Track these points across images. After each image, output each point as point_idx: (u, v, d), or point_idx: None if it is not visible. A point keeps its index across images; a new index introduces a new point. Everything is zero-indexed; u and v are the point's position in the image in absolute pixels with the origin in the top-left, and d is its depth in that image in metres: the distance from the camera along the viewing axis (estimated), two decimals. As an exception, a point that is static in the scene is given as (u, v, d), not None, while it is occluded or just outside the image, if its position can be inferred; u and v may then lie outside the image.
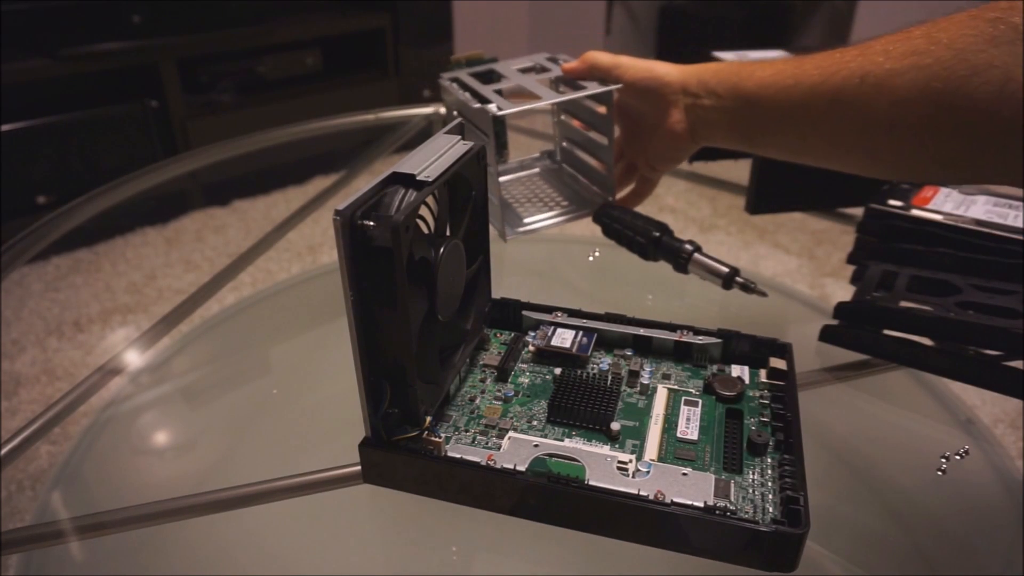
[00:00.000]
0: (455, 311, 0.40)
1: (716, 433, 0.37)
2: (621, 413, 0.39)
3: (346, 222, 0.31)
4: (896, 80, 0.40)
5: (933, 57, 0.38)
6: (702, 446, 0.36)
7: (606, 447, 0.36)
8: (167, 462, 0.68)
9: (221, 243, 1.55)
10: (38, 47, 1.51)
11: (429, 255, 0.36)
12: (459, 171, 0.37)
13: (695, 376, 0.42)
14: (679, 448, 0.36)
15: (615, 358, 0.43)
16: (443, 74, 0.66)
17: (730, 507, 0.33)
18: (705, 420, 0.38)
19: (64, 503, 0.64)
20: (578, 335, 0.44)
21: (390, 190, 0.34)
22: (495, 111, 0.54)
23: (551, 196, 0.68)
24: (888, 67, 0.40)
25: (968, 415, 0.66)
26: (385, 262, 0.32)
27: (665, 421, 0.38)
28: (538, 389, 0.41)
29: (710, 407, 0.39)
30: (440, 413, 0.39)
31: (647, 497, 0.33)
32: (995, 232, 0.53)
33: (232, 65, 1.79)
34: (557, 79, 0.62)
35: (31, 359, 1.17)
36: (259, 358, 0.79)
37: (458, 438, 0.38)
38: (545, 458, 0.35)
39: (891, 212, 0.56)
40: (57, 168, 1.53)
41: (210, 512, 0.42)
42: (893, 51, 0.41)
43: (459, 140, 0.39)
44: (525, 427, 0.38)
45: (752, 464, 0.35)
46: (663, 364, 0.43)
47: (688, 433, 0.37)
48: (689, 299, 0.67)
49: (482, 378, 0.42)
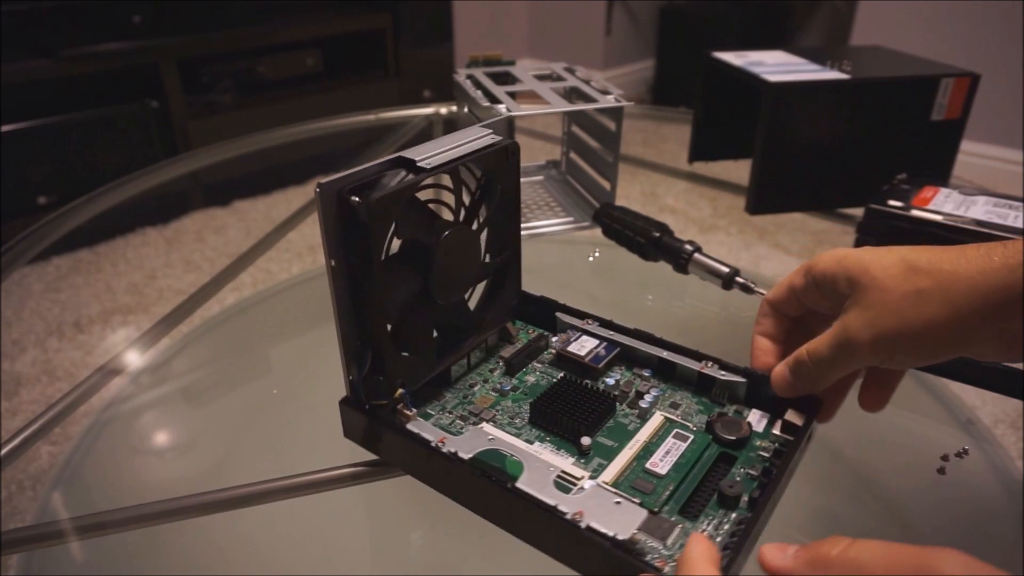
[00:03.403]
0: (461, 297, 0.41)
1: (695, 473, 0.35)
2: (607, 431, 0.38)
3: (329, 195, 0.33)
4: None
5: None
6: (666, 482, 0.34)
7: (569, 459, 0.36)
8: (167, 462, 0.68)
9: (221, 243, 1.55)
10: (38, 47, 1.51)
11: (427, 238, 0.37)
12: (474, 164, 0.38)
13: (706, 411, 0.39)
14: (640, 478, 0.35)
15: (632, 376, 0.42)
16: (459, 69, 0.66)
17: (646, 547, 0.31)
18: (687, 457, 0.36)
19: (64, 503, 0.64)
20: (598, 346, 0.43)
21: (391, 171, 0.35)
22: (504, 112, 0.55)
23: (549, 204, 0.69)
24: None
25: (968, 415, 0.66)
26: (364, 237, 0.33)
27: (643, 448, 0.36)
28: (539, 389, 0.41)
29: (701, 445, 0.37)
30: (436, 391, 0.40)
31: (563, 514, 0.32)
32: (995, 232, 0.53)
33: (232, 65, 1.79)
34: (571, 89, 0.63)
35: (31, 359, 1.17)
36: (259, 358, 0.79)
37: (438, 417, 0.39)
38: (492, 452, 0.36)
39: (891, 212, 0.56)
40: (57, 168, 1.53)
41: (210, 512, 0.42)
42: None
43: (489, 134, 0.40)
44: (504, 422, 0.39)
45: (714, 515, 0.33)
46: (679, 392, 0.41)
47: (658, 466, 0.35)
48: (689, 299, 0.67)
49: (492, 368, 0.43)
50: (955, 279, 0.32)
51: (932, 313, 0.32)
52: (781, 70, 0.67)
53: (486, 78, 0.63)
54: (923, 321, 0.32)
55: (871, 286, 0.34)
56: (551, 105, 0.57)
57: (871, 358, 0.34)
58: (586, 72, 0.65)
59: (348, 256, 0.34)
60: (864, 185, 0.62)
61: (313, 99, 1.89)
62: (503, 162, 0.40)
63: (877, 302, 0.34)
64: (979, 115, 0.76)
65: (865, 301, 0.34)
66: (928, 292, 0.33)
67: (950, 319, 0.32)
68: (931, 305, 0.32)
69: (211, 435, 0.70)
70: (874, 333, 0.33)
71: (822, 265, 0.37)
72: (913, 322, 0.33)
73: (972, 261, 0.32)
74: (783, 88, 0.64)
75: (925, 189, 0.59)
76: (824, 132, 0.67)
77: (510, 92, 0.59)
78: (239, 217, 1.67)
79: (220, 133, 1.70)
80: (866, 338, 0.34)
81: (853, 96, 0.66)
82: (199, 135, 1.70)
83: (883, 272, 0.34)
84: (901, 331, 0.33)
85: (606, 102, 0.58)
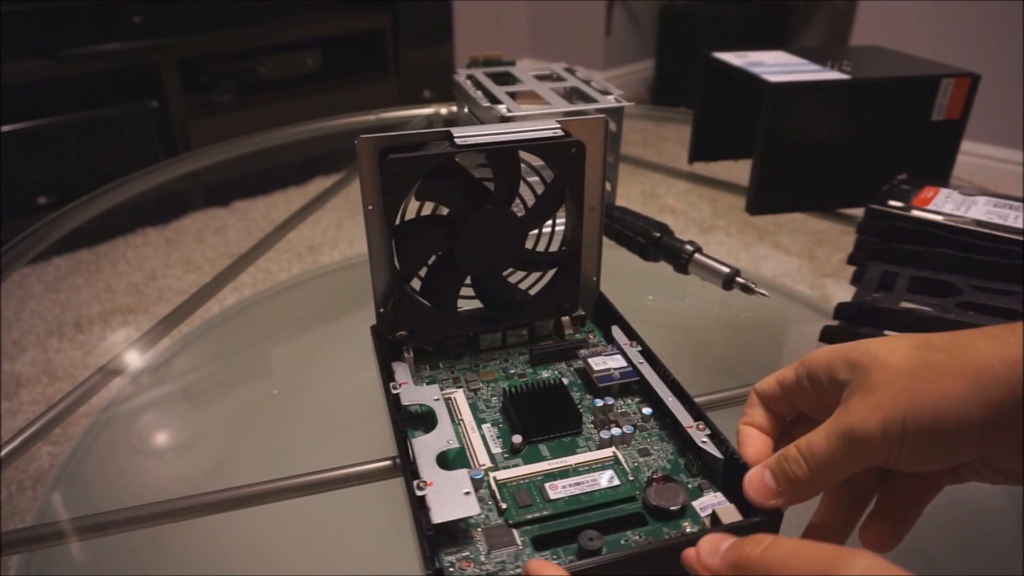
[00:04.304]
0: (495, 274, 0.43)
1: (584, 516, 0.32)
2: (556, 442, 0.37)
3: (366, 149, 0.38)
4: None
5: None
6: (546, 507, 0.32)
7: (496, 450, 0.37)
8: (167, 462, 0.68)
9: (221, 243, 1.55)
10: (38, 47, 1.51)
11: (456, 207, 0.40)
12: (534, 154, 0.40)
13: (672, 471, 0.35)
14: (525, 491, 0.33)
15: (633, 409, 0.39)
16: (459, 69, 0.66)
17: (459, 540, 0.31)
18: (593, 499, 0.33)
19: (64, 503, 0.64)
20: (621, 368, 0.40)
21: (436, 141, 0.39)
22: (503, 112, 0.55)
23: None
24: None
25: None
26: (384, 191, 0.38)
27: (564, 470, 0.35)
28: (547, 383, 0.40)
29: (621, 495, 0.33)
30: (461, 351, 0.44)
31: (415, 479, 0.32)
32: (995, 233, 0.53)
33: (232, 65, 1.79)
34: (571, 90, 0.63)
35: (32, 359, 1.17)
36: (259, 358, 0.79)
37: (441, 371, 0.42)
38: (425, 407, 0.37)
39: (891, 213, 0.56)
40: (57, 168, 1.53)
41: (210, 513, 0.42)
42: None
43: (556, 128, 0.40)
44: (482, 397, 0.40)
45: (560, 559, 0.31)
46: (663, 443, 0.37)
47: (555, 490, 0.33)
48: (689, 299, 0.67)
49: (523, 353, 0.44)
50: (974, 351, 0.28)
51: (949, 387, 0.27)
52: (781, 70, 0.67)
53: (486, 78, 0.63)
54: (938, 396, 0.27)
55: (874, 366, 0.29)
56: (551, 105, 0.57)
57: (879, 451, 0.28)
58: (586, 72, 0.65)
59: (380, 203, 0.39)
60: (864, 185, 0.62)
61: (313, 99, 1.89)
62: (562, 158, 0.40)
63: (883, 381, 0.28)
64: (979, 115, 0.76)
65: (869, 383, 0.29)
66: (943, 365, 0.28)
67: (971, 393, 0.27)
68: (947, 379, 0.27)
69: (211, 435, 0.70)
70: (882, 416, 0.28)
71: (816, 356, 0.32)
72: (927, 400, 0.27)
73: (991, 334, 0.28)
74: (783, 88, 0.64)
75: (925, 189, 0.59)
76: (824, 132, 0.67)
77: (510, 92, 0.59)
78: (239, 217, 1.67)
79: (220, 133, 1.70)
80: (873, 424, 0.28)
81: (853, 96, 0.66)
82: (199, 135, 1.70)
83: (889, 351, 0.29)
84: (914, 412, 0.27)
85: (606, 102, 0.58)
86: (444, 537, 0.31)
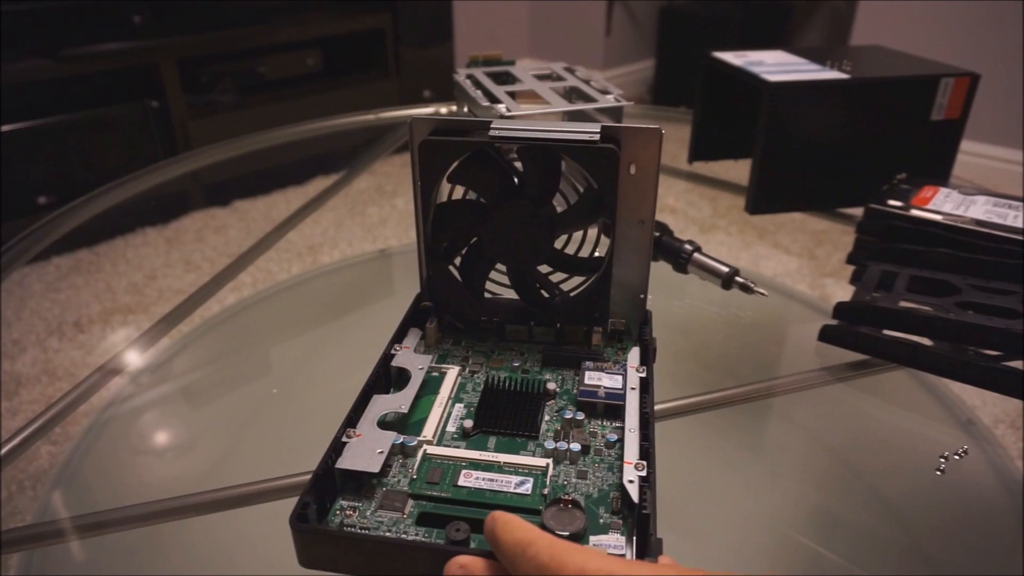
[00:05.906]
0: (527, 267, 0.43)
1: (475, 511, 0.31)
2: (508, 439, 0.36)
3: (420, 128, 0.40)
4: None
5: None
6: (449, 490, 0.33)
7: (452, 428, 0.38)
8: (167, 462, 0.68)
9: (221, 243, 1.55)
10: (38, 47, 1.51)
11: (487, 195, 0.41)
12: (570, 156, 0.39)
13: (597, 500, 0.33)
14: (441, 469, 0.34)
15: (606, 429, 0.37)
16: (459, 69, 0.67)
17: (348, 490, 0.33)
18: (496, 498, 0.32)
19: (64, 503, 0.64)
20: (608, 388, 0.39)
21: (481, 129, 0.40)
22: (503, 111, 0.55)
23: None
24: None
25: (968, 415, 0.66)
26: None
27: (491, 463, 0.34)
28: (534, 384, 0.40)
29: (520, 504, 0.32)
30: (485, 333, 0.45)
31: (348, 431, 0.35)
32: (995, 232, 0.53)
33: (232, 65, 1.79)
34: (571, 89, 0.63)
35: (32, 359, 1.17)
36: (259, 358, 0.79)
37: (450, 348, 0.43)
38: (402, 371, 0.40)
39: (891, 212, 0.56)
40: (57, 168, 1.53)
41: (210, 512, 0.42)
42: None
43: (595, 132, 0.40)
44: (469, 379, 0.41)
45: (428, 536, 0.31)
46: (610, 474, 0.34)
47: (469, 478, 0.33)
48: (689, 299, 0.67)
49: (543, 351, 0.43)
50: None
51: None
52: (781, 70, 0.67)
53: (486, 78, 0.63)
54: None
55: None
56: (551, 105, 0.57)
57: None
58: (586, 72, 0.65)
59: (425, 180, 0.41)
60: (864, 185, 0.62)
61: (313, 99, 1.89)
62: (594, 164, 0.39)
63: None
64: (979, 115, 0.76)
65: None
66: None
67: None
68: None
69: (211, 435, 0.70)
70: None
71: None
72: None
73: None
74: (783, 88, 0.64)
75: (925, 189, 0.59)
76: (824, 132, 0.67)
77: (510, 92, 0.59)
78: (239, 217, 1.67)
79: (220, 133, 1.70)
80: None
81: (853, 96, 0.66)
82: (199, 135, 1.70)
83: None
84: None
85: (606, 102, 0.58)
86: (352, 485, 0.33)
